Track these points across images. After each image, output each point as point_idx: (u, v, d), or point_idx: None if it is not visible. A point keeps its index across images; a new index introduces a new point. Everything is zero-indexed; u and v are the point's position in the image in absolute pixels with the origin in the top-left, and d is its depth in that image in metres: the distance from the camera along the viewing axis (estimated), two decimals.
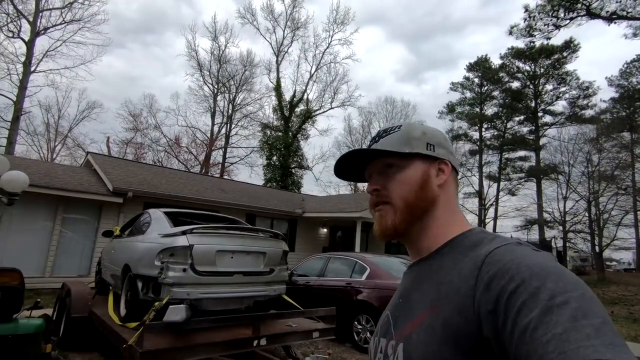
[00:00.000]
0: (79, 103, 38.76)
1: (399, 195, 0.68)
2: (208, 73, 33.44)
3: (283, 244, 4.76)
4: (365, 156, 0.75)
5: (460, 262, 0.59)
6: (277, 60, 32.68)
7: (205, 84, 33.60)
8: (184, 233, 3.91)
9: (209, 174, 27.57)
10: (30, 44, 21.94)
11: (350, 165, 0.77)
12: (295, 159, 29.61)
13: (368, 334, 5.72)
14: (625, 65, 31.53)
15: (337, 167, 0.77)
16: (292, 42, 33.15)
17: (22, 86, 21.57)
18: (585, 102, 33.00)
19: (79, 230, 9.76)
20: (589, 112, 32.32)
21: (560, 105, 34.37)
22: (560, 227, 26.03)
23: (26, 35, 22.02)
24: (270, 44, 33.11)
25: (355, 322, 5.92)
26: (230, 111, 33.63)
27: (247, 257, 4.29)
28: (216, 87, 33.54)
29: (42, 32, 22.73)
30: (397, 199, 0.69)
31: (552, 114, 34.46)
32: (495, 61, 36.55)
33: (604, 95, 49.36)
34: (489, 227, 32.26)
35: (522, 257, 0.52)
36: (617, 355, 0.37)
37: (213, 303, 4.02)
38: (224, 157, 32.86)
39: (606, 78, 32.86)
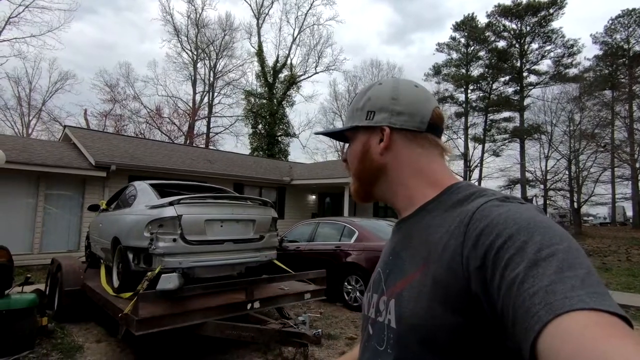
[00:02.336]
0: (51, 74, 36.87)
1: (351, 167, 0.76)
2: (186, 39, 31.97)
3: (272, 211, 4.80)
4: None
5: (448, 218, 0.59)
6: (257, 23, 31.37)
7: (184, 50, 32.22)
8: (171, 204, 3.89)
9: (194, 145, 27.07)
10: None
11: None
12: (281, 126, 29.19)
13: (358, 294, 5.96)
14: (610, 22, 31.33)
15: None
16: (272, 3, 31.77)
17: None
18: (569, 60, 32.98)
19: (64, 205, 9.61)
20: (572, 71, 32.40)
21: (545, 65, 34.33)
22: (542, 186, 26.86)
23: None
24: (250, 5, 31.66)
25: (345, 283, 6.15)
26: (211, 79, 32.53)
27: (237, 225, 4.34)
28: (195, 53, 32.18)
29: None
30: (351, 170, 0.77)
31: (537, 73, 34.43)
32: (482, 20, 35.88)
33: (589, 53, 49.34)
34: None
35: (509, 212, 0.52)
36: (600, 303, 0.38)
37: (205, 271, 4.09)
38: (208, 127, 32.17)
39: (591, 35, 32.75)
